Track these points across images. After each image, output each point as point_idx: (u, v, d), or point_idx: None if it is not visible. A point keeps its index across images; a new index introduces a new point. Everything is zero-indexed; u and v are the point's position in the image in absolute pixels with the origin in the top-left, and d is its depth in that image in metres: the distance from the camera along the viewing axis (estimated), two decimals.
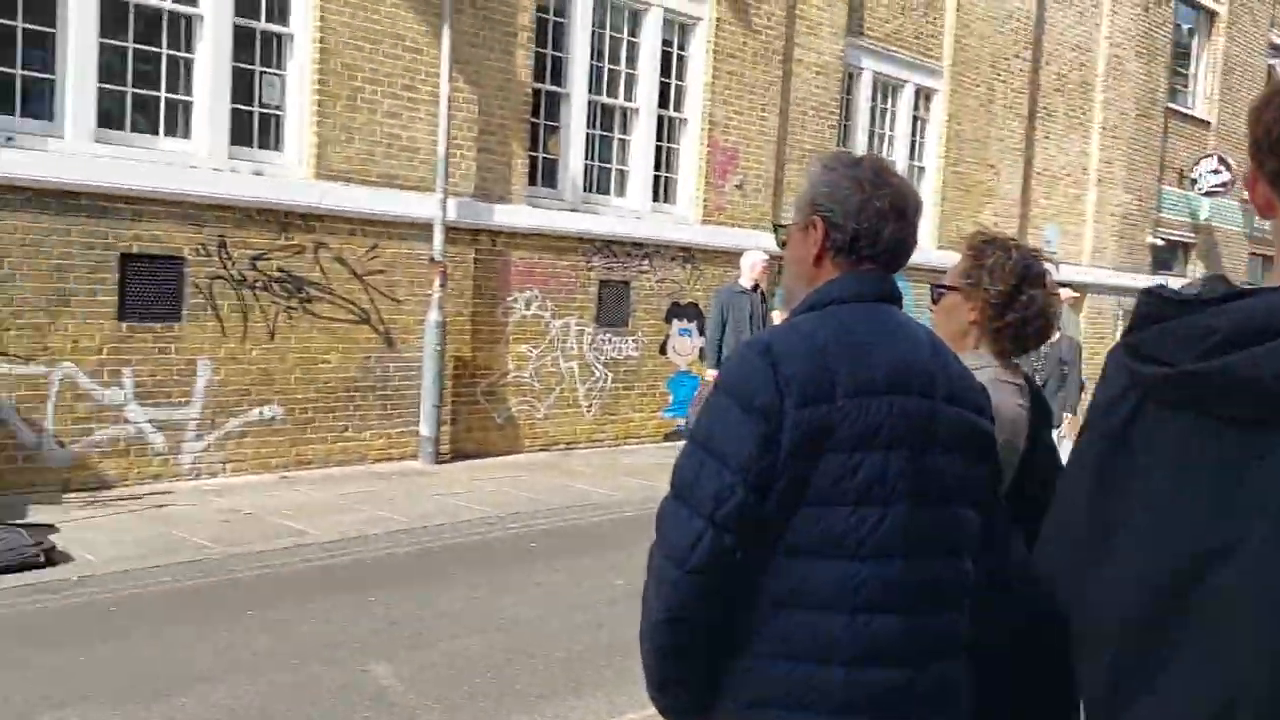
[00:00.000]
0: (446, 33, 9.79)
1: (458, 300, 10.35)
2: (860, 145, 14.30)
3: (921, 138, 15.34)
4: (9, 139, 7.81)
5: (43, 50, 8.05)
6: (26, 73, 7.97)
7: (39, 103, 8.06)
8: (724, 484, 1.77)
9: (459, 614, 5.90)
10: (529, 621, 5.83)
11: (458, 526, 7.89)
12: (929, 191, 15.05)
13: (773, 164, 13.09)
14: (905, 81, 14.84)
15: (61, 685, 4.63)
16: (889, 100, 14.85)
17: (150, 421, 8.50)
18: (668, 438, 12.14)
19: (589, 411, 11.62)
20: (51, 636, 5.23)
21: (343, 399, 9.68)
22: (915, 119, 15.15)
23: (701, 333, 12.40)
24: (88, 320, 8.14)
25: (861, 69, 14.23)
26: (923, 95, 15.15)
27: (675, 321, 12.31)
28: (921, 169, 15.32)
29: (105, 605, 5.76)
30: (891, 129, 14.94)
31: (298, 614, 5.75)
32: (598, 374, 11.66)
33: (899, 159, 14.68)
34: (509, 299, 10.85)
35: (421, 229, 9.95)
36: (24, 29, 7.94)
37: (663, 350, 12.25)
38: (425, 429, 10.03)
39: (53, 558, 6.37)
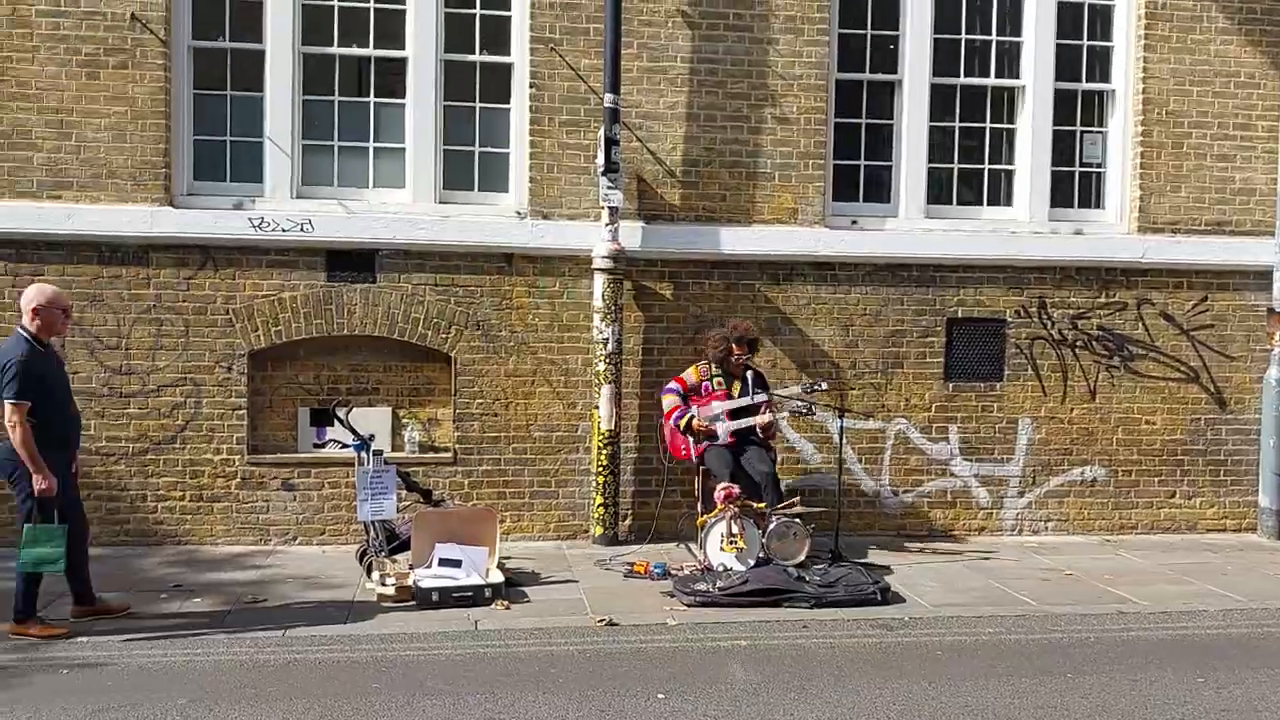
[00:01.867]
0: None
1: None
2: None
3: None
4: (853, 222, 8.90)
5: (882, 140, 9.05)
6: (869, 163, 9.03)
7: (877, 187, 9.06)
8: None
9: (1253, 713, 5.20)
10: None
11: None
12: None
13: None
14: None
15: (893, 719, 5.09)
16: None
17: (975, 476, 8.97)
18: None
19: None
20: (884, 671, 5.76)
21: (1169, 462, 9.17)
22: None
23: None
24: (918, 380, 8.89)
25: None
26: None
27: None
28: None
29: (933, 648, 6.18)
30: None
31: (1117, 684, 5.58)
32: None
33: None
34: None
35: (1258, 277, 9.08)
36: (866, 123, 9.02)
37: None
38: (1265, 499, 9.04)
39: (887, 597, 7.03)
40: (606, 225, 8.28)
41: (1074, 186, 9.24)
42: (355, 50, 8.48)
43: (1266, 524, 9.05)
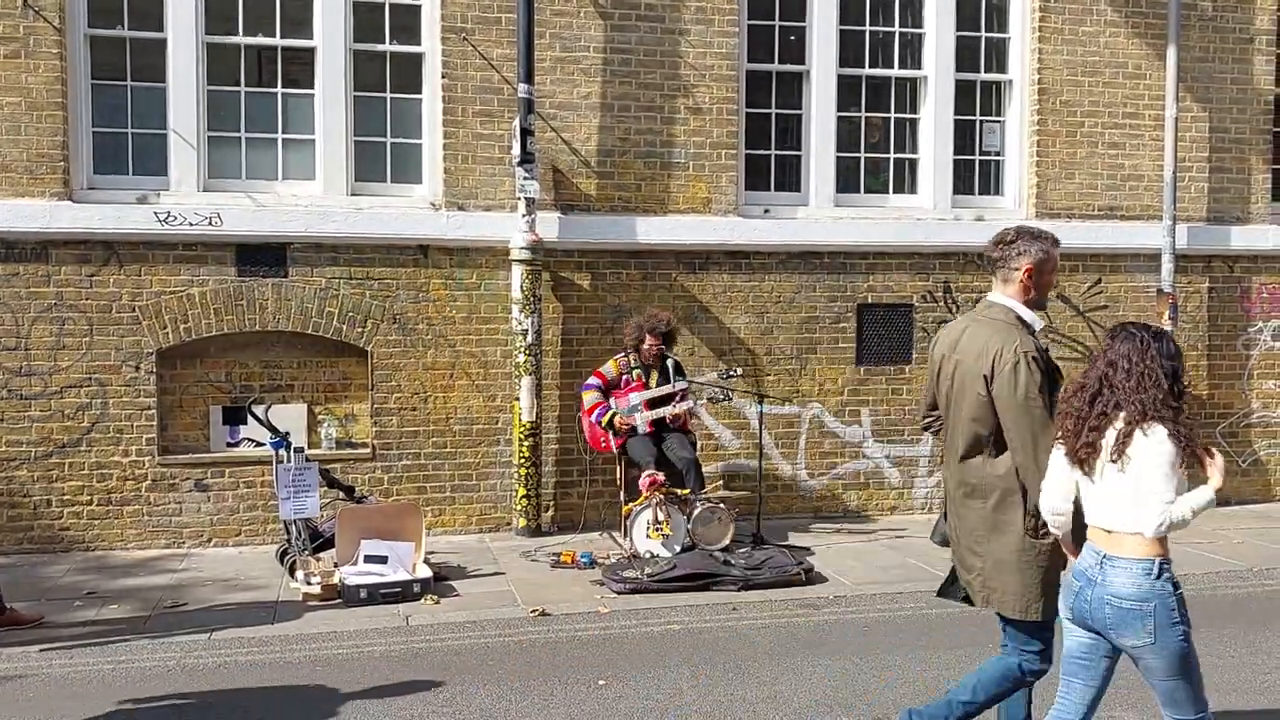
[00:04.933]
0: (1171, 53, 9.29)
1: (1191, 333, 9.68)
2: None
3: None
4: (766, 211, 9.05)
5: (791, 130, 9.21)
6: (779, 152, 9.19)
7: (787, 177, 9.22)
8: None
9: (1210, 671, 5.50)
10: None
11: (1200, 579, 7.35)
12: None
13: None
14: None
15: (829, 694, 5.23)
16: None
17: (886, 457, 9.22)
18: None
19: None
20: (816, 649, 5.91)
21: None
22: None
23: None
24: (831, 365, 9.09)
25: None
26: None
27: None
28: None
29: (860, 624, 6.36)
30: None
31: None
32: None
33: None
34: (1252, 330, 9.86)
35: (1147, 260, 9.51)
36: (776, 113, 9.17)
37: None
38: None
39: (811, 577, 7.20)
40: (523, 216, 8.26)
41: (975, 174, 9.55)
42: (261, 40, 8.29)
43: None
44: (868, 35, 9.28)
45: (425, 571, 6.95)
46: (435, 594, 6.77)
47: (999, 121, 9.57)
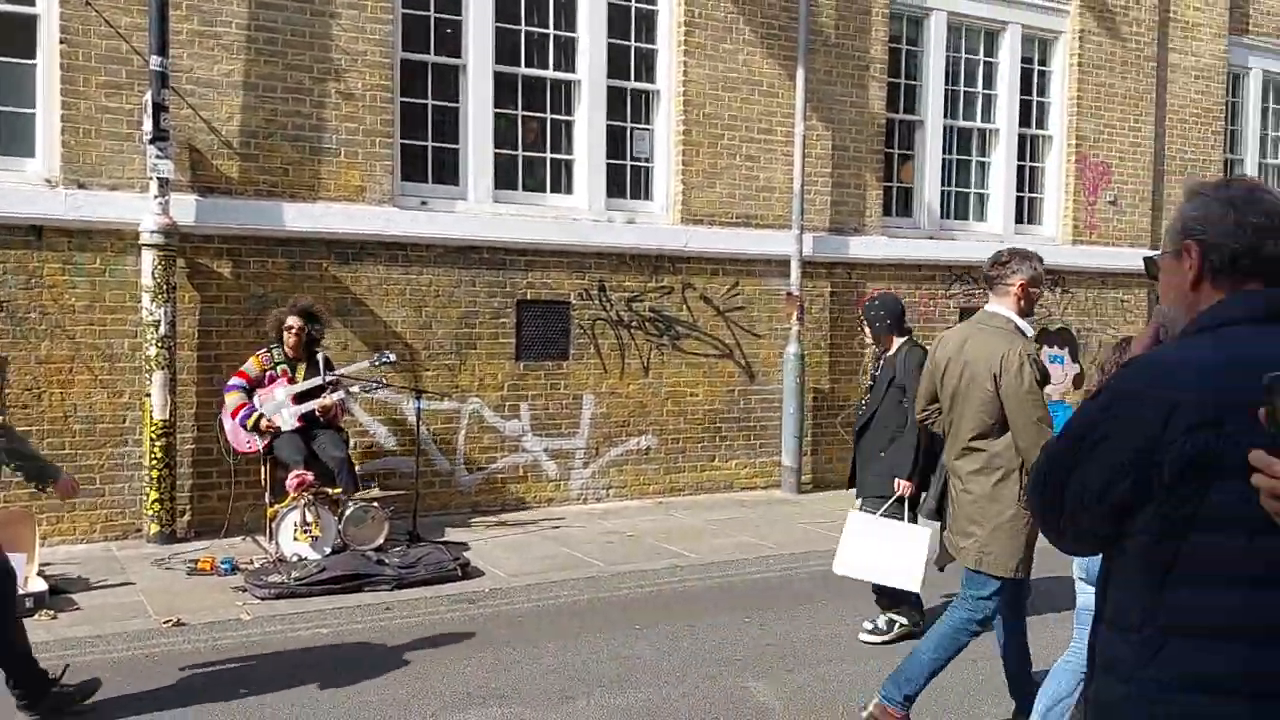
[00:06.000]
0: (801, 73, 10.08)
1: (815, 333, 10.54)
2: (1251, 151, 13.19)
3: None
4: (423, 203, 8.92)
5: (449, 124, 9.14)
6: (436, 144, 9.09)
7: (446, 170, 9.15)
8: None
9: (829, 640, 6.04)
10: (900, 651, 5.84)
11: (824, 555, 7.98)
12: None
13: (1149, 177, 12.32)
14: None
15: (482, 685, 5.23)
16: None
17: (544, 450, 9.36)
18: None
19: None
20: (471, 642, 5.90)
21: (710, 430, 10.13)
22: None
23: (1074, 359, 11.90)
24: (490, 360, 9.11)
25: (1248, 69, 13.10)
26: None
27: (1045, 348, 11.81)
28: None
29: (515, 615, 6.41)
30: None
31: (680, 630, 6.13)
32: None
33: None
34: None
35: (779, 265, 10.25)
36: (433, 105, 9.07)
37: None
38: (787, 459, 10.27)
39: (468, 572, 7.17)
40: (156, 197, 7.64)
41: (627, 178, 9.90)
42: None
43: (788, 481, 10.28)
44: (524, 35, 9.38)
45: (40, 585, 6.26)
46: (51, 608, 6.11)
47: (648, 129, 9.98)
